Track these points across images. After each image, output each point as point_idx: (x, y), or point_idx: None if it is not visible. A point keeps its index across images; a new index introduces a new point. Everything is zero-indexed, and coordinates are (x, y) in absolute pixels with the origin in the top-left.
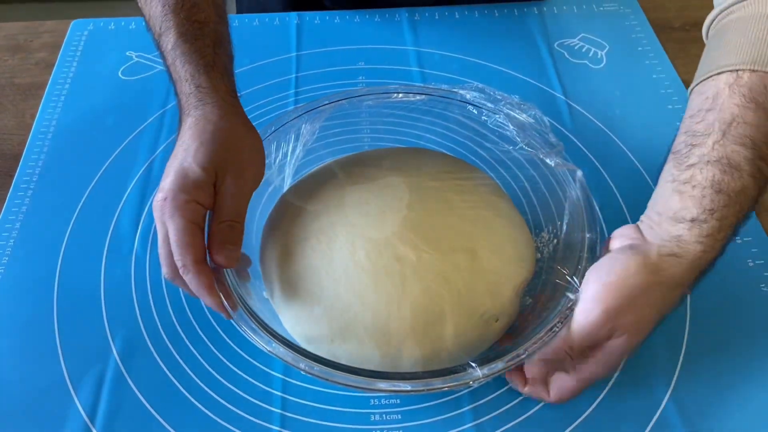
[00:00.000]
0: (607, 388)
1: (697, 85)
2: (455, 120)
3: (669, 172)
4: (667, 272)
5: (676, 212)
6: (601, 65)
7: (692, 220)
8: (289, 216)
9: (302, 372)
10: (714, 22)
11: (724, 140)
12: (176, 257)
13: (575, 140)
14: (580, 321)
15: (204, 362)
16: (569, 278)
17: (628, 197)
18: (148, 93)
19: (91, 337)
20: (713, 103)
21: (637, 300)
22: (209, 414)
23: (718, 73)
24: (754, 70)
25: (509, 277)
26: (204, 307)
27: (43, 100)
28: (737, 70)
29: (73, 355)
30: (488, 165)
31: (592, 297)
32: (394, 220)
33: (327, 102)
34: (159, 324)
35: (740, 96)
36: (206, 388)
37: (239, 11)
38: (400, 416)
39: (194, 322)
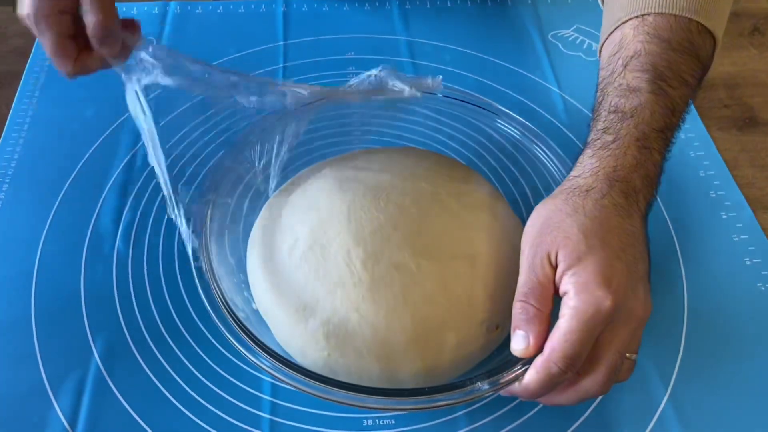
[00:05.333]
0: None
1: (604, 42)
2: (446, 114)
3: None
4: (569, 187)
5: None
6: (596, 57)
7: (586, 144)
8: (276, 222)
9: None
10: None
11: (625, 71)
12: (57, 67)
13: (570, 135)
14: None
15: (189, 365)
16: None
17: None
18: None
19: (70, 339)
20: (619, 47)
21: (550, 220)
22: (195, 419)
23: (624, 22)
24: (659, 13)
25: (509, 283)
26: (190, 308)
27: (18, 90)
28: (643, 15)
29: (52, 358)
30: (483, 162)
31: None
32: (389, 226)
33: (313, 100)
34: (142, 326)
35: (644, 34)
36: (192, 393)
37: None
38: (394, 421)
39: (179, 324)
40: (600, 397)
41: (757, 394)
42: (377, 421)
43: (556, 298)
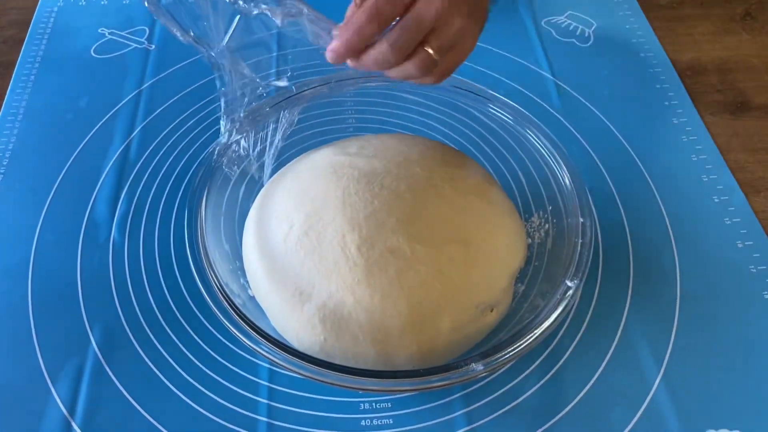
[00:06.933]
0: (597, 373)
1: None
2: (439, 100)
3: None
4: None
5: None
6: (589, 43)
7: None
8: (272, 209)
9: (295, 374)
10: None
11: None
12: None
13: (564, 121)
14: None
15: (187, 352)
16: (566, 266)
17: (617, 179)
18: (123, 72)
19: (68, 327)
20: None
21: None
22: (194, 405)
23: None
24: None
25: (503, 266)
26: (186, 295)
27: (12, 80)
28: None
29: (50, 347)
30: (476, 147)
31: None
32: (384, 211)
33: (306, 88)
34: (139, 313)
35: None
36: (190, 379)
37: None
38: (390, 404)
39: (176, 311)
40: (593, 380)
41: (747, 374)
42: (374, 404)
43: None
